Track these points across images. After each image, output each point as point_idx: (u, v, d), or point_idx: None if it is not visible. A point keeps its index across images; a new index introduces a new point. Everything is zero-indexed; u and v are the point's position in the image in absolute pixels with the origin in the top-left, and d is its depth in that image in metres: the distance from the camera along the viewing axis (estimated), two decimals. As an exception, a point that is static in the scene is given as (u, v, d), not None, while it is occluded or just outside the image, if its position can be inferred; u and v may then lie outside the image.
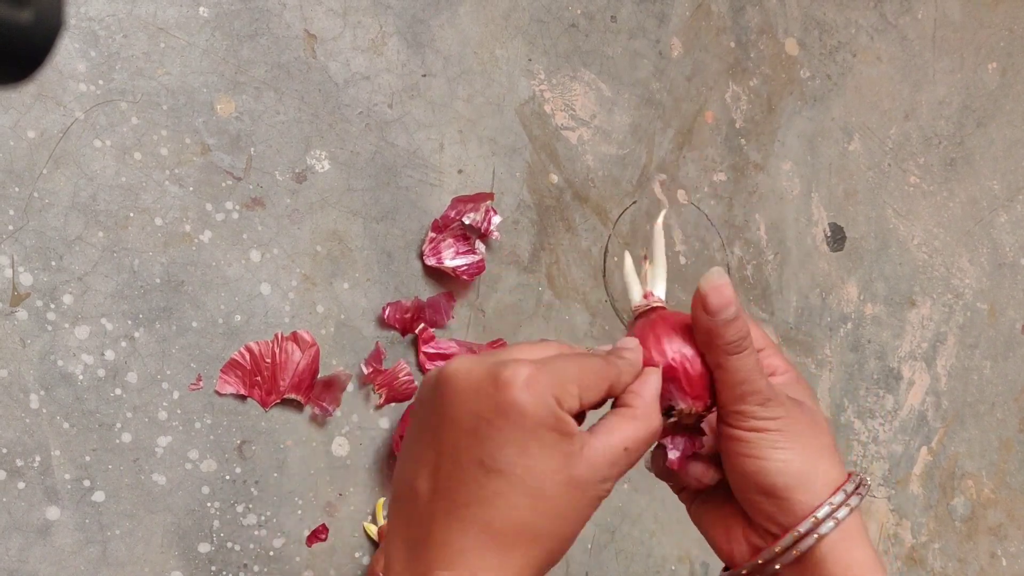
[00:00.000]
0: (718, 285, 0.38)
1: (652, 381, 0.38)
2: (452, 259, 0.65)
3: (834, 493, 0.39)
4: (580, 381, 0.35)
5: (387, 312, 0.63)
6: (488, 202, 0.66)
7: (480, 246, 0.66)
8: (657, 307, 0.41)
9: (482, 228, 0.65)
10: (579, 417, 0.37)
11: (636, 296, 0.42)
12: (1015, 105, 0.95)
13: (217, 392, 0.58)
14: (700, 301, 0.38)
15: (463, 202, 0.65)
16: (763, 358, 0.41)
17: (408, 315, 0.64)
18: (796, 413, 0.40)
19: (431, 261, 0.65)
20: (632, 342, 0.39)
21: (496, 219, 0.66)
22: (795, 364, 0.79)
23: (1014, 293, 0.94)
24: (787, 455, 0.39)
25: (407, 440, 0.37)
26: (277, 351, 0.60)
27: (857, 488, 0.40)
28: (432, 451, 0.35)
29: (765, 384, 0.39)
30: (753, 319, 0.44)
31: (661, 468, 0.42)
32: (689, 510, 0.45)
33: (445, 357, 0.65)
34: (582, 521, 0.35)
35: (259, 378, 0.59)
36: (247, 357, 0.59)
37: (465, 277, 0.65)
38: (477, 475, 0.34)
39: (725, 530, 0.42)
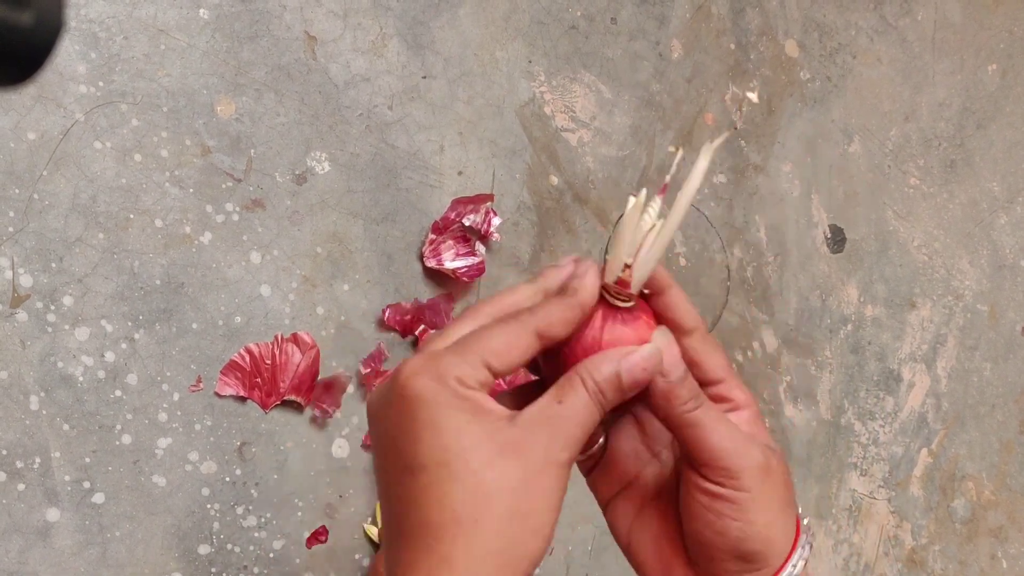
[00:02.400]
0: (667, 345, 0.36)
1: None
2: (452, 261, 0.65)
3: (793, 550, 0.37)
4: (484, 350, 0.33)
5: (387, 314, 0.63)
6: (488, 204, 0.66)
7: (480, 248, 0.66)
8: (625, 307, 0.36)
9: (482, 230, 0.65)
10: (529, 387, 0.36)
11: (615, 266, 0.36)
12: (1015, 107, 0.95)
13: (217, 394, 0.58)
14: (658, 359, 0.36)
15: (463, 204, 0.65)
16: (724, 390, 0.39)
17: (408, 317, 0.64)
18: (774, 464, 0.37)
19: (431, 263, 0.65)
20: (571, 270, 0.36)
21: (496, 221, 0.66)
22: (788, 369, 0.79)
23: (1014, 295, 0.94)
24: (769, 517, 0.36)
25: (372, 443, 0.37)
26: (277, 352, 0.60)
27: (808, 538, 0.38)
28: (378, 479, 0.35)
29: (739, 438, 0.36)
30: (719, 344, 0.41)
31: None
32: (611, 521, 0.41)
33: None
34: (542, 493, 0.33)
35: (259, 380, 0.59)
36: (247, 359, 0.59)
37: (465, 279, 0.65)
38: (405, 481, 0.33)
39: (662, 565, 0.39)
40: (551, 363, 0.37)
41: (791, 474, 0.39)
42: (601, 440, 0.41)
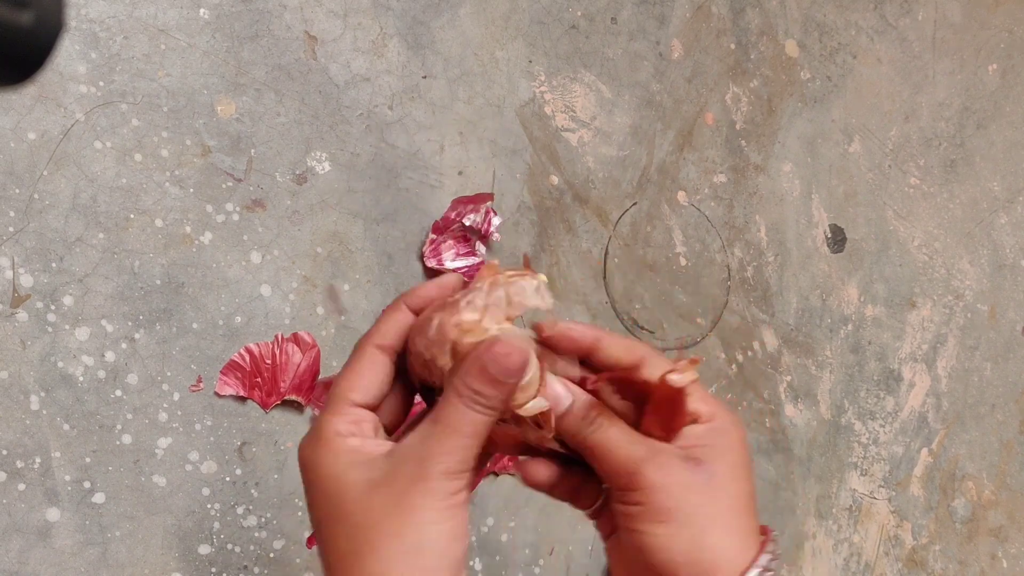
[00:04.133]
0: (555, 379, 0.36)
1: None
2: (453, 261, 0.65)
3: (750, 566, 0.35)
4: (344, 391, 0.36)
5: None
6: (488, 203, 0.66)
7: (480, 247, 0.66)
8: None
9: (482, 229, 0.65)
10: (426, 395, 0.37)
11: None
12: (1015, 106, 0.95)
13: (217, 393, 0.58)
14: (540, 422, 0.36)
15: (463, 203, 0.65)
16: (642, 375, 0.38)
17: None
18: (685, 479, 0.35)
19: (432, 263, 0.65)
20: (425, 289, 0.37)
21: (496, 220, 0.66)
22: (789, 369, 0.79)
23: (1014, 295, 0.94)
24: (669, 530, 0.35)
25: None
26: (277, 352, 0.60)
27: (773, 551, 0.36)
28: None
29: (630, 454, 0.36)
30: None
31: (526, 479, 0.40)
32: (609, 555, 0.40)
33: None
34: (419, 510, 0.33)
35: (259, 379, 0.59)
36: (247, 358, 0.59)
37: (467, 279, 0.65)
38: (317, 542, 0.36)
39: None
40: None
41: (749, 479, 0.37)
42: (603, 497, 0.40)
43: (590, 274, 0.72)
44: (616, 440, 0.36)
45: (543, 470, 0.40)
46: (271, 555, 0.60)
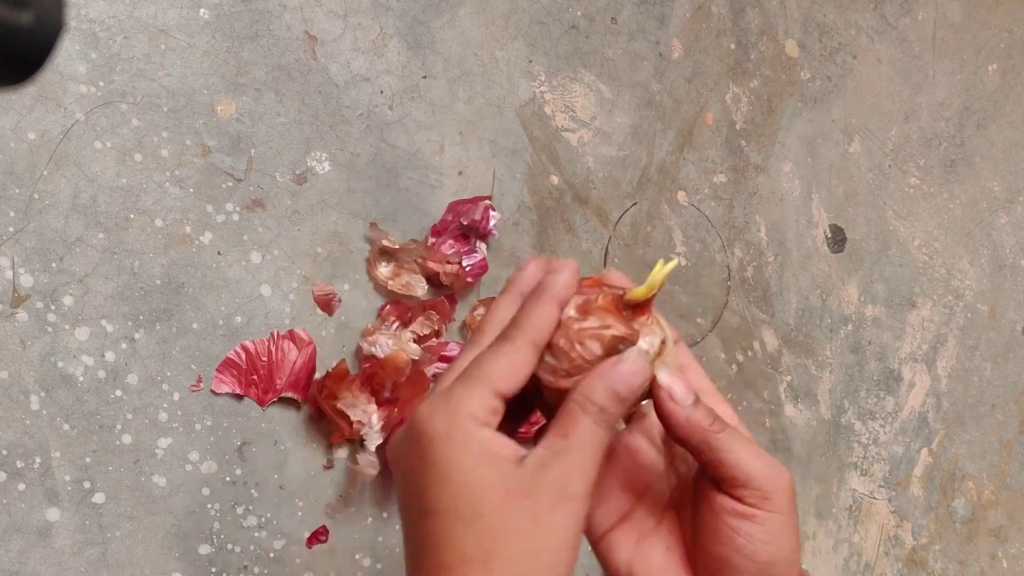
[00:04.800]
0: (675, 376, 0.36)
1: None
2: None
3: None
4: (490, 378, 0.34)
5: (387, 311, 0.63)
6: (485, 202, 0.66)
7: (481, 246, 0.66)
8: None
9: (481, 227, 0.65)
10: (528, 401, 0.36)
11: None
12: (1015, 106, 0.95)
13: (213, 391, 0.58)
14: (667, 394, 0.36)
15: (460, 205, 0.65)
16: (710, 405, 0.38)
17: (409, 316, 0.64)
18: (792, 486, 0.37)
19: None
20: (535, 269, 0.37)
21: (494, 216, 0.66)
22: (789, 369, 0.79)
23: (1014, 295, 0.94)
24: (794, 542, 0.36)
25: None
26: (273, 350, 0.60)
27: None
28: (401, 519, 0.36)
29: (766, 459, 0.36)
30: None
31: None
32: (605, 555, 0.40)
33: (446, 359, 0.65)
34: (554, 532, 0.33)
35: (255, 377, 0.59)
36: (243, 356, 0.59)
37: (469, 279, 0.65)
38: (421, 524, 0.34)
39: None
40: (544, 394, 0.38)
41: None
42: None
43: (590, 274, 0.72)
44: (748, 441, 0.36)
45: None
46: (271, 555, 0.60)
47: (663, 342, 0.37)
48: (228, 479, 0.59)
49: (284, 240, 0.61)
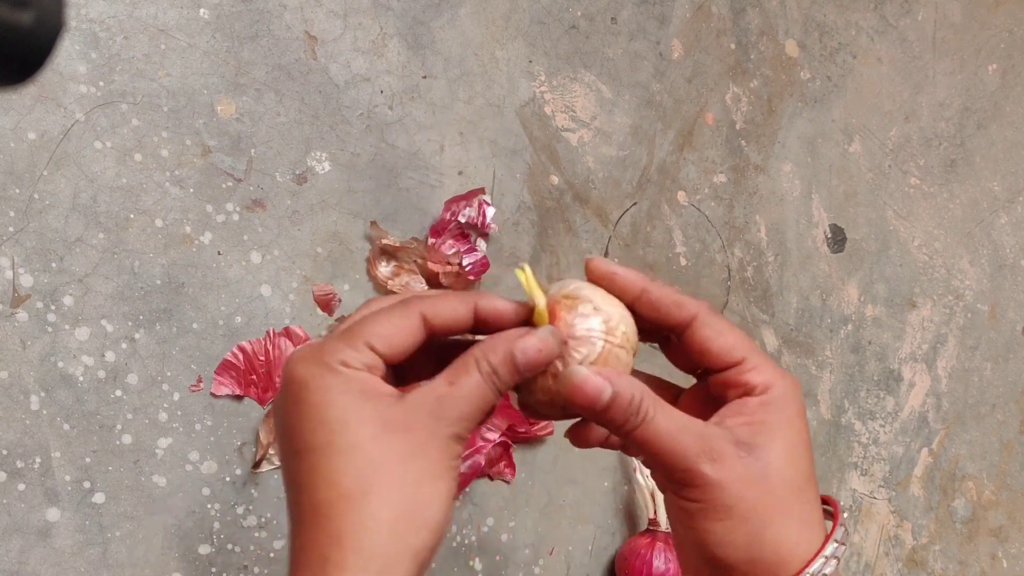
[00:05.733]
0: (576, 385, 0.35)
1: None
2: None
3: (814, 559, 0.34)
4: (369, 334, 0.34)
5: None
6: (480, 196, 0.65)
7: (481, 244, 0.66)
8: None
9: (479, 223, 0.65)
10: (423, 367, 0.36)
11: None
12: (1015, 107, 0.95)
13: (212, 394, 0.58)
14: (578, 403, 0.35)
15: (455, 202, 0.65)
16: (738, 374, 0.36)
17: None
18: (741, 472, 0.34)
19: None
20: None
21: (490, 211, 0.65)
22: (788, 369, 0.79)
23: (1015, 295, 0.94)
24: (727, 526, 0.34)
25: None
26: (270, 348, 0.60)
27: (839, 542, 0.35)
28: (282, 475, 0.36)
29: (686, 448, 0.34)
30: (725, 321, 0.39)
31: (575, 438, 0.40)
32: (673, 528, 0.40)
33: None
34: (430, 466, 0.32)
35: (254, 376, 0.59)
36: (240, 357, 0.59)
37: (471, 277, 0.65)
38: (294, 465, 0.33)
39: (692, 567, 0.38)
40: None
41: (807, 458, 0.36)
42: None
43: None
44: (665, 433, 0.35)
45: (593, 436, 0.39)
46: (271, 555, 0.60)
47: (604, 349, 0.36)
48: (228, 479, 0.59)
49: (284, 240, 0.61)
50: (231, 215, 0.59)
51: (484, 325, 0.36)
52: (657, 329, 0.38)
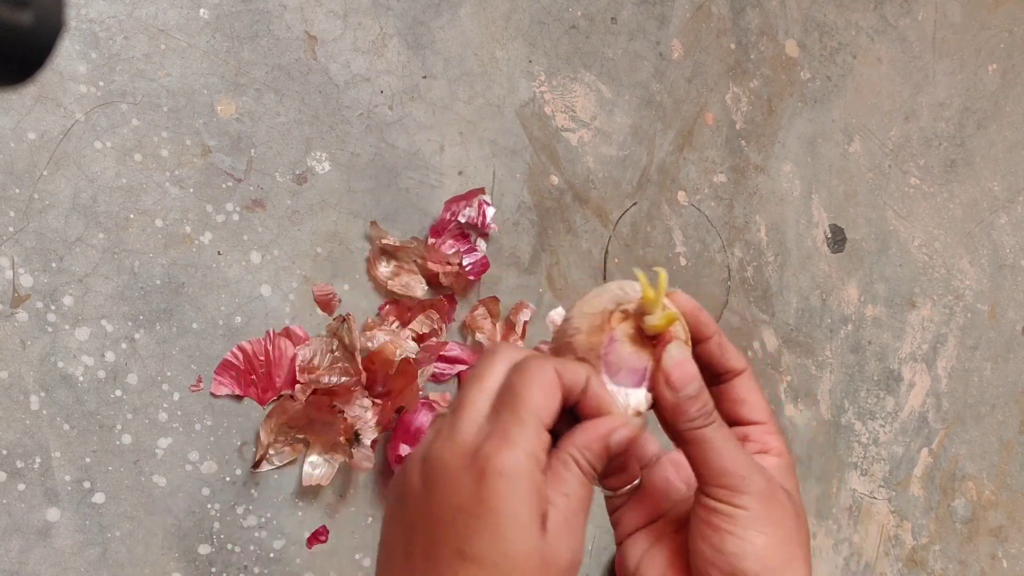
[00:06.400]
0: (681, 361, 0.37)
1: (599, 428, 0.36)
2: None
3: None
4: (538, 411, 0.34)
5: (386, 311, 0.63)
6: (480, 196, 0.65)
7: (481, 244, 0.66)
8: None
9: (479, 223, 0.65)
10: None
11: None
12: (1015, 107, 0.95)
13: (212, 394, 0.58)
14: (664, 378, 0.37)
15: (455, 202, 0.65)
16: (762, 434, 0.40)
17: (409, 315, 0.64)
18: (781, 497, 0.37)
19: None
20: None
21: (490, 211, 0.65)
22: (788, 368, 0.79)
23: (1014, 294, 0.94)
24: (764, 541, 0.36)
25: (386, 521, 0.37)
26: (270, 348, 0.60)
27: None
28: (410, 539, 0.35)
29: (743, 459, 0.37)
30: (760, 386, 0.42)
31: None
32: (622, 554, 0.41)
33: (447, 360, 0.65)
34: None
35: (254, 376, 0.59)
36: (240, 357, 0.59)
37: (472, 276, 0.65)
38: (453, 563, 0.33)
39: None
40: None
41: (806, 533, 0.39)
42: (636, 481, 0.42)
43: (590, 274, 0.72)
44: (732, 440, 0.37)
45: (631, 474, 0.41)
46: (271, 555, 0.60)
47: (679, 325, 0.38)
48: (228, 479, 0.59)
49: (284, 240, 0.61)
50: (231, 215, 0.59)
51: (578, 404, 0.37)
52: (708, 372, 0.41)
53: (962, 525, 0.91)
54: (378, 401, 0.61)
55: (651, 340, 0.38)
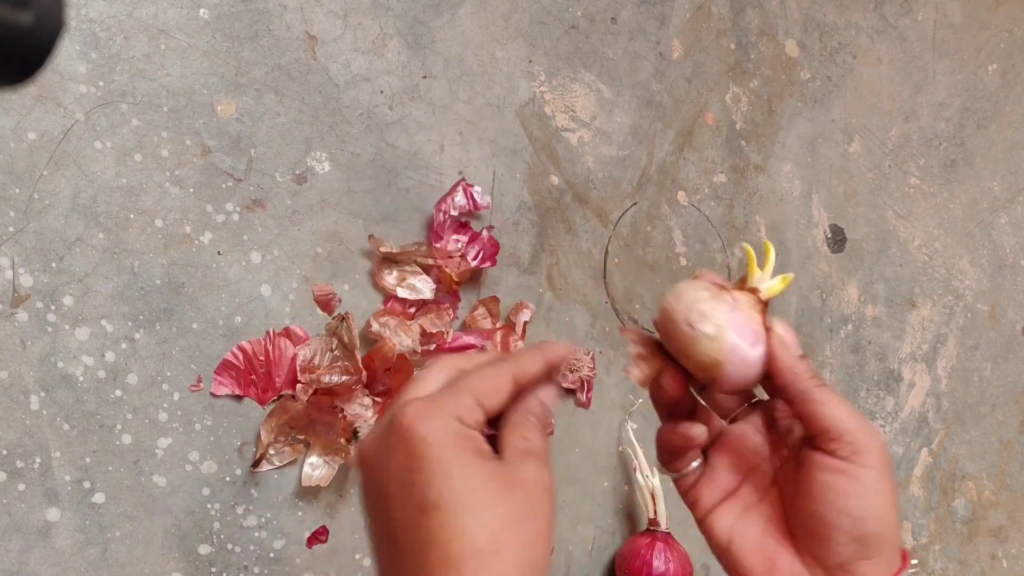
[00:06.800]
0: (788, 327, 0.39)
1: (535, 358, 0.39)
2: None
3: (904, 566, 0.38)
4: (475, 391, 0.36)
5: (391, 307, 0.63)
6: (462, 183, 0.65)
7: (484, 233, 0.66)
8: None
9: (471, 207, 0.65)
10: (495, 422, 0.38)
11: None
12: (1015, 107, 0.95)
13: (212, 394, 0.58)
14: (778, 339, 0.38)
15: (443, 201, 0.65)
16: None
17: (413, 311, 0.64)
18: (885, 461, 0.38)
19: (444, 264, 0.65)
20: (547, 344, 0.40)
21: (477, 190, 0.66)
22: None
23: (1014, 294, 0.94)
24: (888, 504, 0.37)
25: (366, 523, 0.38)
26: (270, 348, 0.60)
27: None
28: (377, 525, 0.36)
29: (861, 418, 0.38)
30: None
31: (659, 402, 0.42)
32: (709, 530, 0.42)
33: (452, 349, 0.65)
34: (545, 518, 0.35)
35: (254, 376, 0.59)
36: (240, 357, 0.59)
37: (485, 263, 0.65)
38: (419, 520, 0.34)
39: (765, 560, 0.39)
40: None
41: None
42: (698, 461, 0.42)
43: (590, 274, 0.72)
44: (839, 399, 0.38)
45: (676, 385, 0.41)
46: (271, 555, 0.60)
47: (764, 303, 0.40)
48: (228, 479, 0.59)
49: (284, 240, 0.61)
50: (231, 215, 0.59)
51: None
52: (770, 388, 0.42)
53: (962, 525, 0.91)
54: (378, 400, 0.61)
55: (764, 308, 0.40)
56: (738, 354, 0.38)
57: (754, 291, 0.40)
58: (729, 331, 0.38)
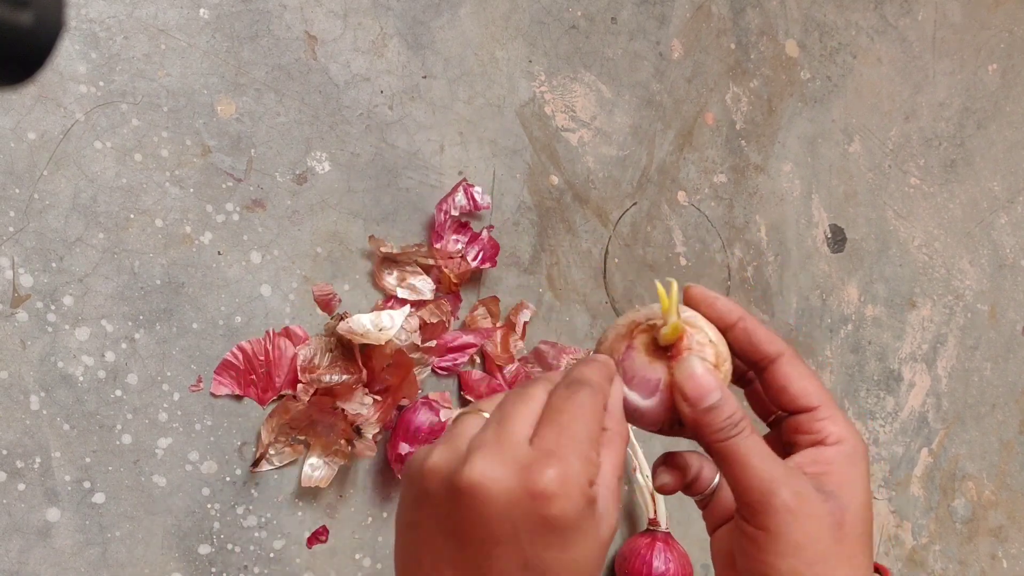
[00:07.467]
0: (693, 373, 0.35)
1: (615, 395, 0.36)
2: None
3: None
4: (591, 438, 0.33)
5: (391, 305, 0.63)
6: (463, 183, 0.65)
7: (483, 233, 0.66)
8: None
9: (470, 206, 0.65)
10: None
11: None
12: (1015, 106, 0.95)
13: (212, 394, 0.58)
14: (678, 392, 0.36)
15: (443, 202, 0.65)
16: (812, 421, 0.37)
17: (412, 309, 0.64)
18: (815, 509, 0.34)
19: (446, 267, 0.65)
20: (600, 360, 0.38)
21: (477, 190, 0.65)
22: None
23: (1014, 294, 0.94)
24: (794, 566, 0.34)
25: (407, 544, 0.35)
26: (270, 348, 0.60)
27: None
28: (455, 564, 0.33)
29: (768, 473, 0.35)
30: (809, 368, 0.39)
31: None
32: (713, 548, 0.41)
33: (455, 350, 0.65)
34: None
35: (253, 376, 0.59)
36: (240, 357, 0.59)
37: (486, 264, 0.65)
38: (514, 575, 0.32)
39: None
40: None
41: (872, 515, 0.37)
42: (716, 481, 0.41)
43: (590, 274, 0.72)
44: (757, 453, 0.35)
45: (669, 479, 0.40)
46: (271, 555, 0.60)
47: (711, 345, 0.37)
48: (228, 479, 0.59)
49: (284, 240, 0.61)
50: (231, 215, 0.59)
51: None
52: (744, 361, 0.39)
53: (962, 525, 0.91)
54: (379, 398, 0.61)
55: (667, 353, 0.37)
56: (628, 406, 0.36)
57: (652, 331, 0.37)
58: (617, 381, 0.36)
